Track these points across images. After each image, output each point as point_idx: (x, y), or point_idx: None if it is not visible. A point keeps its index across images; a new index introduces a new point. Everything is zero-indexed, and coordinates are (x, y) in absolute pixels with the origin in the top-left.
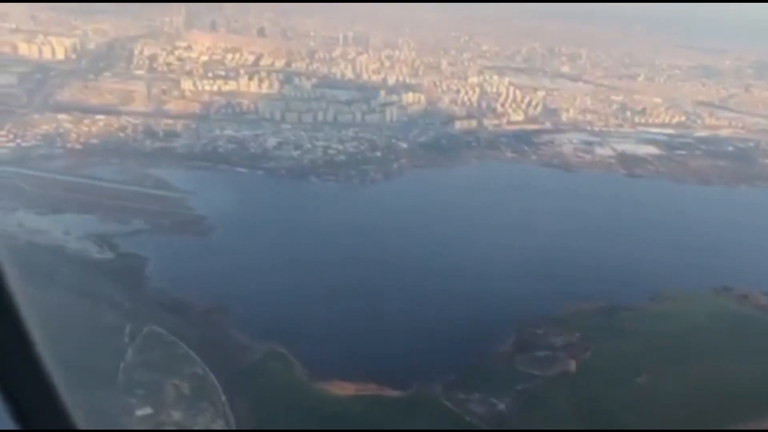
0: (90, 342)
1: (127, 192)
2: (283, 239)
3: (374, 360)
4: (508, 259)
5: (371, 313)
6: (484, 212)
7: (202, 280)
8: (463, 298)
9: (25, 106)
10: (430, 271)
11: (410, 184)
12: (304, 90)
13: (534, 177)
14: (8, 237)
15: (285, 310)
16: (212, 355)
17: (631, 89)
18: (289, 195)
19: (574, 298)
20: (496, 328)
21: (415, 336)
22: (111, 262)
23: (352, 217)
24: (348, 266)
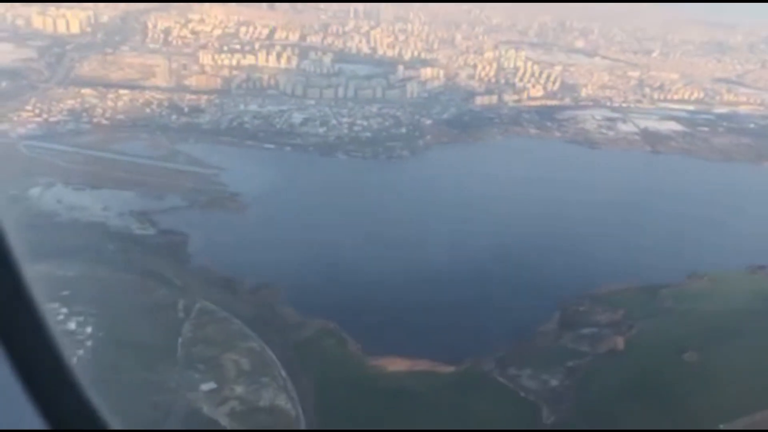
0: (146, 318)
1: (159, 168)
2: (319, 216)
3: (423, 336)
4: (544, 235)
5: (414, 289)
6: (516, 189)
7: (245, 256)
8: (504, 274)
9: (47, 81)
10: (469, 247)
11: (438, 161)
12: (323, 65)
13: (560, 154)
14: (50, 214)
15: (331, 286)
16: (266, 330)
17: (647, 65)
18: (319, 172)
19: (612, 275)
20: (538, 305)
21: (460, 312)
22: (153, 238)
23: (385, 194)
24: (388, 243)
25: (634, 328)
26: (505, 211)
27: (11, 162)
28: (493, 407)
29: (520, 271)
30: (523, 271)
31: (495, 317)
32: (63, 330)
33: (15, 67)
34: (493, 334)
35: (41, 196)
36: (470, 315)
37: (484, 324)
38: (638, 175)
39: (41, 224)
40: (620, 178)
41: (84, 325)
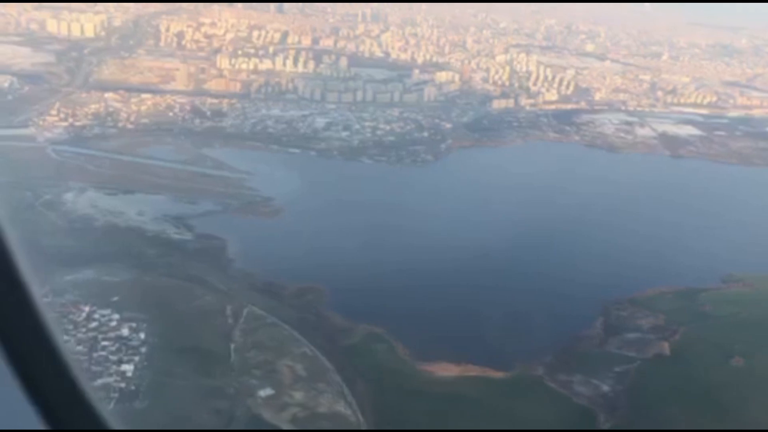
0: (196, 323)
1: (188, 172)
2: (354, 220)
3: (468, 341)
4: (577, 239)
5: (455, 293)
6: (544, 193)
7: (284, 260)
8: (543, 279)
9: (68, 85)
10: (506, 251)
11: (462, 165)
12: (340, 69)
13: (582, 158)
14: (87, 218)
15: (372, 290)
16: (314, 335)
17: (658, 68)
18: (347, 176)
19: (648, 279)
20: (579, 309)
21: (503, 316)
22: (192, 242)
23: (416, 198)
24: (425, 246)
25: (678, 333)
26: (536, 215)
27: (42, 166)
28: (549, 413)
29: (558, 276)
30: (561, 276)
31: (537, 322)
32: (116, 336)
33: (35, 72)
34: (538, 339)
35: (76, 201)
36: (512, 319)
37: (528, 329)
38: (663, 179)
39: (79, 229)
40: (645, 182)
41: (137, 331)
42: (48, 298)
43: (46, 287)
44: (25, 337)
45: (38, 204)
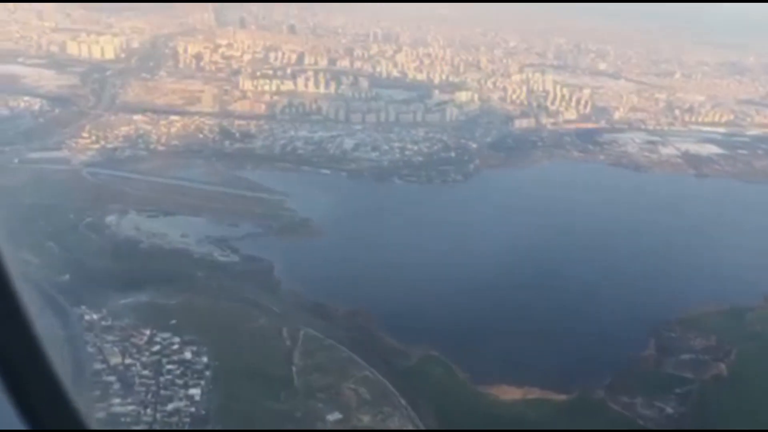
0: (255, 345)
1: (224, 194)
2: (395, 240)
3: (523, 362)
4: (616, 260)
5: (503, 313)
6: (581, 213)
7: (330, 282)
8: (587, 299)
9: (95, 107)
10: (547, 271)
11: (493, 185)
12: (362, 89)
13: (610, 177)
14: (132, 241)
15: (421, 311)
16: (372, 358)
17: (672, 87)
18: (381, 196)
19: (691, 299)
20: (628, 330)
21: (555, 338)
22: (238, 264)
23: (453, 218)
24: (469, 267)
25: (732, 354)
26: (574, 235)
27: (80, 189)
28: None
29: (602, 295)
30: (604, 295)
31: (588, 343)
32: (180, 359)
33: (62, 94)
34: (593, 361)
35: (119, 224)
36: (563, 340)
37: (580, 350)
38: (692, 198)
39: (126, 252)
40: (675, 201)
41: (199, 354)
42: (107, 321)
43: (103, 311)
44: (6, 336)
45: (81, 226)
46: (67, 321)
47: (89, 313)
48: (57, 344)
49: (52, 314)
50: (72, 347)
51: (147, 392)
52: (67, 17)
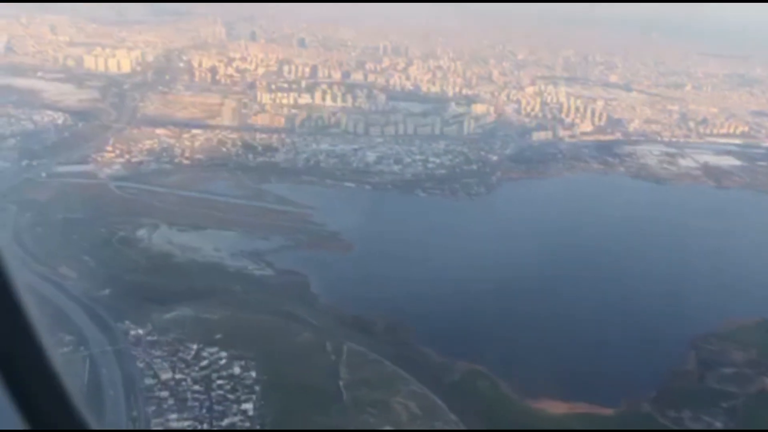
0: (301, 360)
1: (252, 207)
2: (425, 253)
3: (566, 376)
4: (646, 272)
5: (541, 326)
6: (603, 226)
7: (367, 295)
8: (623, 311)
9: (117, 121)
10: (580, 283)
11: (516, 197)
12: (379, 103)
13: (632, 189)
14: (166, 255)
15: (460, 325)
16: (417, 372)
17: (683, 98)
18: (406, 209)
19: (724, 312)
20: (666, 343)
21: (595, 351)
22: (274, 278)
23: (482, 231)
24: (503, 280)
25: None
26: (603, 247)
27: (109, 203)
28: None
29: (635, 308)
30: (642, 308)
31: (629, 356)
32: (229, 374)
33: (83, 108)
34: (635, 374)
35: (151, 238)
36: (604, 353)
37: (621, 363)
38: (715, 210)
39: (162, 266)
40: (699, 213)
41: (247, 369)
42: (153, 336)
43: (148, 325)
44: (7, 336)
45: (114, 241)
46: (112, 336)
47: (134, 328)
48: (106, 359)
49: (96, 329)
50: (121, 362)
51: (201, 407)
52: (81, 31)
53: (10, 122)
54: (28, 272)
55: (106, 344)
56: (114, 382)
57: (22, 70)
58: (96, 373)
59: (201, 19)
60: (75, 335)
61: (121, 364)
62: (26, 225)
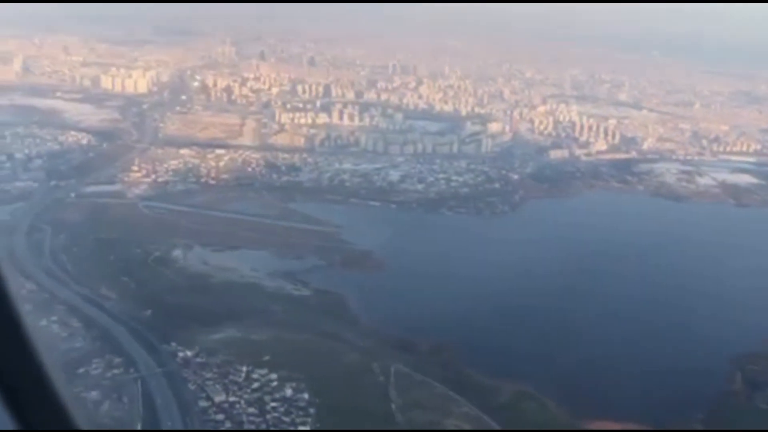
0: (350, 381)
1: (282, 227)
2: (458, 272)
3: (615, 396)
4: (681, 291)
5: (582, 345)
6: (633, 244)
7: (406, 315)
8: (664, 331)
9: (140, 141)
10: (621, 302)
11: (542, 216)
12: (396, 121)
13: (654, 208)
14: (204, 276)
15: (502, 344)
16: (467, 394)
17: (694, 117)
18: (433, 228)
19: (763, 331)
20: (708, 363)
21: (640, 370)
22: (312, 298)
23: (509, 249)
24: (536, 299)
25: None
26: (641, 267)
27: (140, 223)
28: None
29: (679, 328)
30: (681, 328)
31: (675, 376)
32: (282, 397)
33: (105, 128)
34: (682, 394)
35: (186, 258)
36: (649, 372)
37: (667, 383)
38: (741, 228)
39: (200, 286)
40: (723, 231)
41: (299, 391)
42: (202, 358)
43: (195, 347)
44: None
45: (150, 261)
46: (160, 357)
47: (182, 350)
48: (157, 381)
49: (143, 351)
50: (172, 384)
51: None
52: (93, 51)
53: (36, 143)
54: (69, 293)
55: (155, 366)
56: (168, 405)
57: (41, 90)
58: (149, 395)
59: (208, 39)
60: (123, 357)
61: (172, 386)
62: (62, 246)
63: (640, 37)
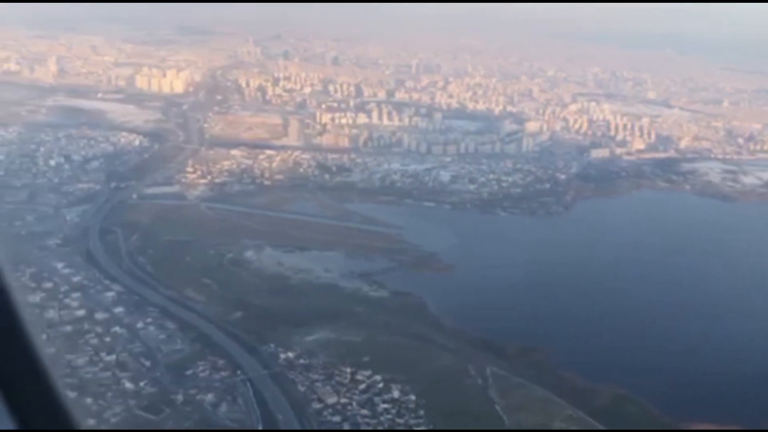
0: (451, 383)
1: (344, 228)
2: (528, 272)
3: (708, 398)
4: (759, 291)
5: (663, 345)
6: (699, 245)
7: (486, 315)
8: (750, 332)
9: (188, 141)
10: (704, 303)
11: (597, 215)
12: (435, 121)
13: (705, 207)
14: (282, 277)
15: (588, 346)
16: (567, 396)
17: (724, 115)
18: (492, 229)
19: None
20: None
21: (728, 370)
22: (391, 300)
23: (573, 249)
24: (613, 298)
25: None
26: (711, 267)
27: (207, 224)
28: None
29: (750, 327)
30: (739, 328)
31: (756, 378)
32: (390, 398)
33: (152, 129)
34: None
35: (260, 259)
36: (739, 373)
37: (757, 384)
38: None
39: (281, 288)
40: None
41: (405, 393)
42: (305, 359)
43: (296, 348)
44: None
45: (226, 262)
46: (262, 359)
47: (283, 351)
48: (266, 383)
49: (244, 352)
50: (282, 386)
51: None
52: (121, 52)
53: (90, 144)
54: (156, 295)
55: (260, 368)
56: (282, 406)
57: (81, 91)
58: (261, 397)
59: (229, 39)
60: (226, 359)
61: (282, 387)
62: (137, 248)
63: (651, 35)
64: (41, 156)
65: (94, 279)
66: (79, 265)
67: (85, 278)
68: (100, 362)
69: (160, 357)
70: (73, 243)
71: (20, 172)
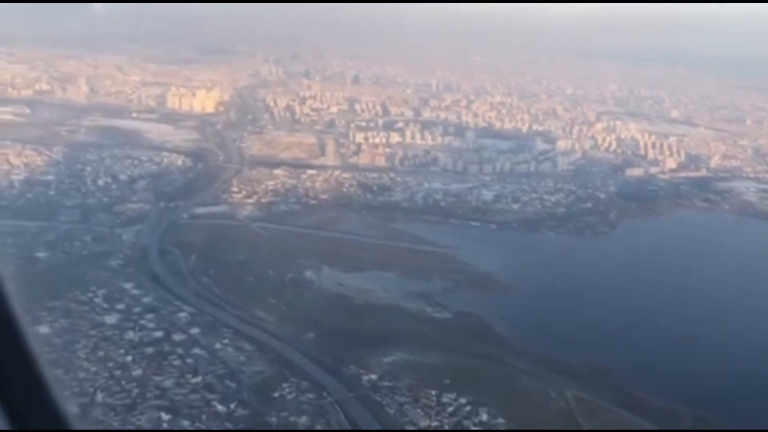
0: (534, 406)
1: (395, 248)
2: (587, 293)
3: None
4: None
5: (744, 366)
6: (746, 262)
7: (553, 336)
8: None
9: (229, 161)
10: None
11: (642, 235)
12: (469, 140)
13: (747, 227)
14: (344, 297)
15: (662, 367)
16: (652, 420)
17: (749, 133)
18: (542, 249)
19: None
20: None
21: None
22: (455, 321)
23: (627, 269)
24: (679, 318)
25: None
26: (748, 289)
27: (261, 244)
28: None
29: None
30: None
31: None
32: (480, 421)
33: (192, 149)
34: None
35: (320, 279)
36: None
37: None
38: None
39: (346, 308)
40: None
41: (493, 416)
42: (389, 381)
43: (378, 370)
44: None
45: (288, 282)
46: (345, 381)
47: (365, 374)
48: (353, 405)
49: (326, 374)
50: (371, 409)
51: None
52: (146, 71)
53: (134, 164)
54: (228, 315)
55: (345, 390)
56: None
57: (115, 110)
58: (353, 420)
59: (248, 58)
60: (309, 381)
61: (371, 410)
62: (197, 268)
63: (648, 50)
64: (88, 176)
65: (163, 300)
66: (146, 285)
67: (155, 299)
68: (187, 384)
69: (244, 378)
70: (135, 263)
71: (70, 191)
